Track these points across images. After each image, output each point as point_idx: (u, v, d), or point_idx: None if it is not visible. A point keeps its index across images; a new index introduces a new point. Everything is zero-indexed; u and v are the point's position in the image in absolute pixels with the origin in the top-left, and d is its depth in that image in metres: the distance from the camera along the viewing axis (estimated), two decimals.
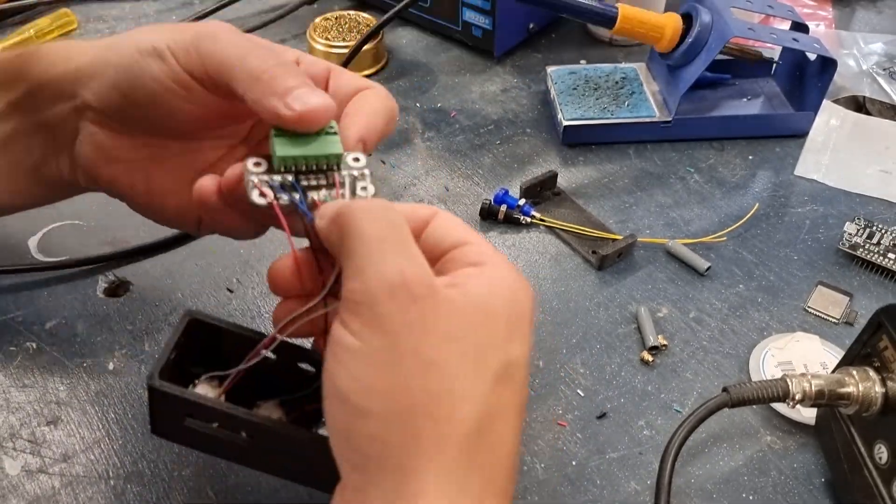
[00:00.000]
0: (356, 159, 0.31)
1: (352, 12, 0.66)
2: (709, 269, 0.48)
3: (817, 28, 0.73)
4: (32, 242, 0.49)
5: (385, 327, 0.25)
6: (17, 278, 0.47)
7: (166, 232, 0.49)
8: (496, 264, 0.28)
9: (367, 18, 0.65)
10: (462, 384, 0.25)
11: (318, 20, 0.65)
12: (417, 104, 0.63)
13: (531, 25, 0.68)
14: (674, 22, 0.55)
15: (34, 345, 0.43)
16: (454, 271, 0.28)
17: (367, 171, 0.31)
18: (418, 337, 0.25)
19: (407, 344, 0.25)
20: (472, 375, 0.26)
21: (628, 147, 0.58)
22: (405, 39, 0.70)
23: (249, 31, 0.68)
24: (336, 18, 0.66)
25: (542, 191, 0.53)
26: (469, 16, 0.65)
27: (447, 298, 0.26)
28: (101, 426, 0.40)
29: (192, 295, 0.46)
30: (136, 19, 0.72)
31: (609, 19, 0.55)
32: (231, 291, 0.47)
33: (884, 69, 0.66)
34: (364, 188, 0.30)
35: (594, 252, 0.49)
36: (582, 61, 0.67)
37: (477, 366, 0.26)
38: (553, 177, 0.53)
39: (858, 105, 0.63)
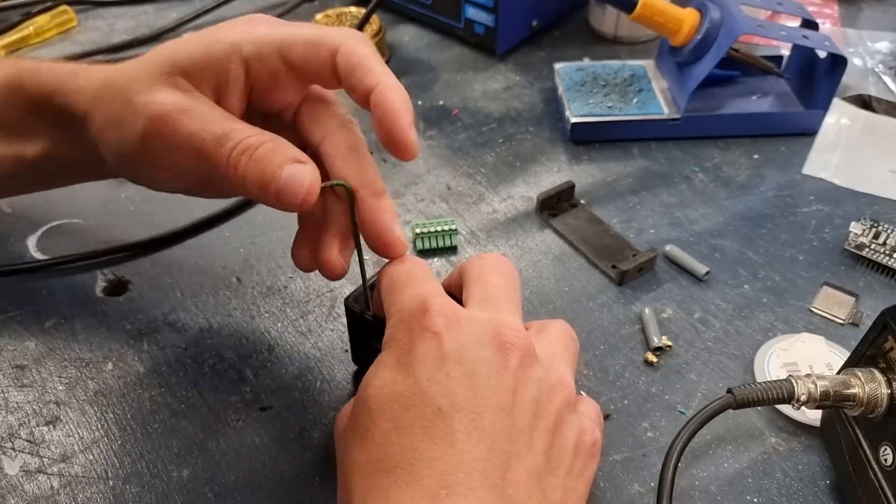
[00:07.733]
0: None
1: (353, 9, 0.66)
2: (707, 273, 0.48)
3: (823, 26, 0.72)
4: (31, 241, 0.49)
5: (401, 338, 0.30)
6: (16, 277, 0.47)
7: (165, 229, 0.49)
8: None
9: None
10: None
11: (318, 17, 0.65)
12: (419, 102, 0.62)
13: (534, 23, 0.68)
14: (693, 17, 0.55)
15: (33, 344, 0.43)
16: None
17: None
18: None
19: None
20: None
21: (633, 146, 0.58)
22: (407, 37, 0.70)
23: None
24: (337, 15, 0.65)
25: (560, 202, 0.52)
26: (471, 13, 0.65)
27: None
28: (100, 426, 0.39)
29: (191, 294, 0.46)
30: (136, 16, 0.72)
31: (629, 4, 0.54)
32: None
33: (890, 68, 0.66)
34: None
35: (614, 266, 0.47)
36: (585, 58, 0.66)
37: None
38: (570, 188, 0.52)
39: (864, 104, 0.62)
